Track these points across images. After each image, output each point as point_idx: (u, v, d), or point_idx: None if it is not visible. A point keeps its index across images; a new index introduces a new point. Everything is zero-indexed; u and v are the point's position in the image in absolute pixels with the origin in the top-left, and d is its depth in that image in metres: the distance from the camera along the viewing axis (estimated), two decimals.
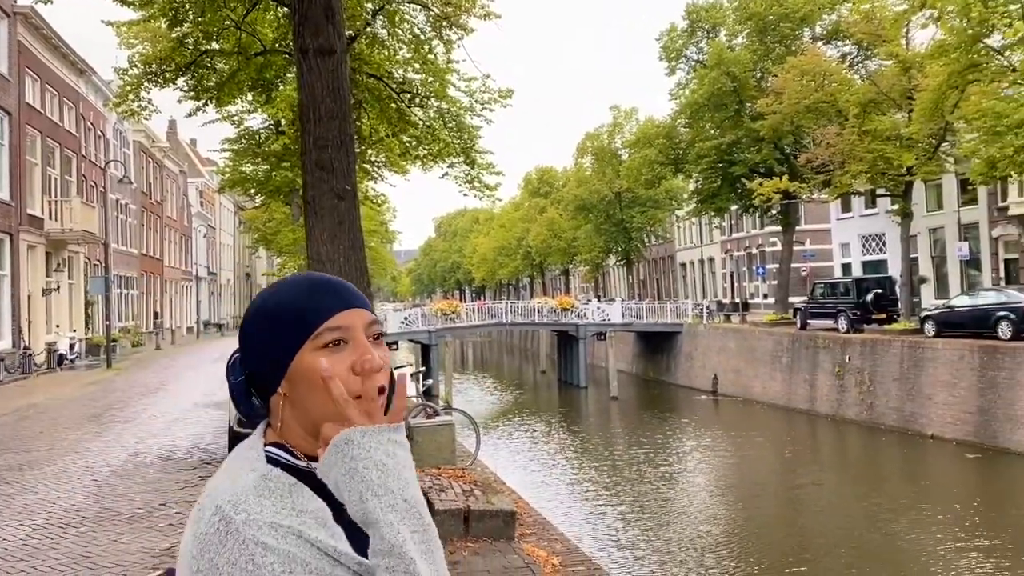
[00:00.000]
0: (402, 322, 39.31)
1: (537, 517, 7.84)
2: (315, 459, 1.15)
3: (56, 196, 29.71)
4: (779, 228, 36.75)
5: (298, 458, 1.18)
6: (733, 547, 15.00)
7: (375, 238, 59.95)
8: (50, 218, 28.94)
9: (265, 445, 1.19)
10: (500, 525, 6.82)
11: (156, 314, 43.84)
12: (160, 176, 46.23)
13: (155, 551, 7.64)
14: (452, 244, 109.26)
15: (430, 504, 6.99)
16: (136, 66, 16.60)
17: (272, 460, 1.16)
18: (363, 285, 7.42)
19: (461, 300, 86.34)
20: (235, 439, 10.83)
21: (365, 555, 1.09)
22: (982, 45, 21.98)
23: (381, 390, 1.15)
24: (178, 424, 15.75)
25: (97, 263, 32.90)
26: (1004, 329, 21.86)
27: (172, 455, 12.59)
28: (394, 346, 44.07)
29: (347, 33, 16.10)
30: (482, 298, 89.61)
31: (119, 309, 37.40)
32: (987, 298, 23.52)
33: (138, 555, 7.55)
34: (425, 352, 39.02)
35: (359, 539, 1.11)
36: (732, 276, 48.95)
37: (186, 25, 15.85)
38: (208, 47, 16.33)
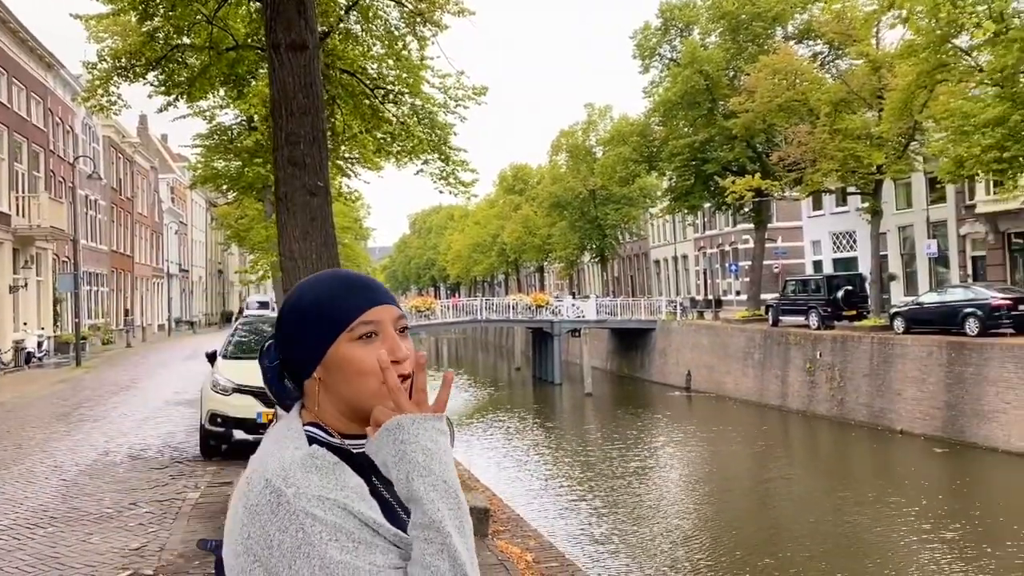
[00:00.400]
0: None
1: (511, 514, 7.81)
2: (348, 437, 1.31)
3: (23, 192, 29.26)
4: (752, 226, 37.02)
5: (332, 436, 1.31)
6: (704, 540, 15.15)
7: (349, 235, 59.63)
8: (17, 214, 28.49)
9: (303, 425, 1.32)
10: (473, 522, 6.78)
11: (127, 311, 43.32)
12: (131, 172, 45.67)
13: (124, 551, 7.56)
14: (427, 241, 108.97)
15: None
16: (105, 60, 16.38)
17: (311, 438, 1.29)
18: None
19: (436, 297, 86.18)
20: (207, 437, 10.74)
21: (398, 528, 1.24)
22: (950, 45, 22.21)
23: (405, 377, 1.28)
24: (149, 422, 15.59)
25: (66, 260, 32.45)
26: (971, 325, 22.17)
27: (143, 454, 12.45)
28: None
29: (320, 29, 16.01)
30: (457, 295, 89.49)
31: (89, 306, 36.92)
32: (955, 295, 23.86)
33: (107, 555, 7.46)
34: None
35: (392, 513, 1.26)
36: (705, 273, 49.28)
37: (156, 19, 15.64)
38: (179, 42, 16.14)
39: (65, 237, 30.70)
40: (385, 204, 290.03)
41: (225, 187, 24.03)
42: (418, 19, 14.97)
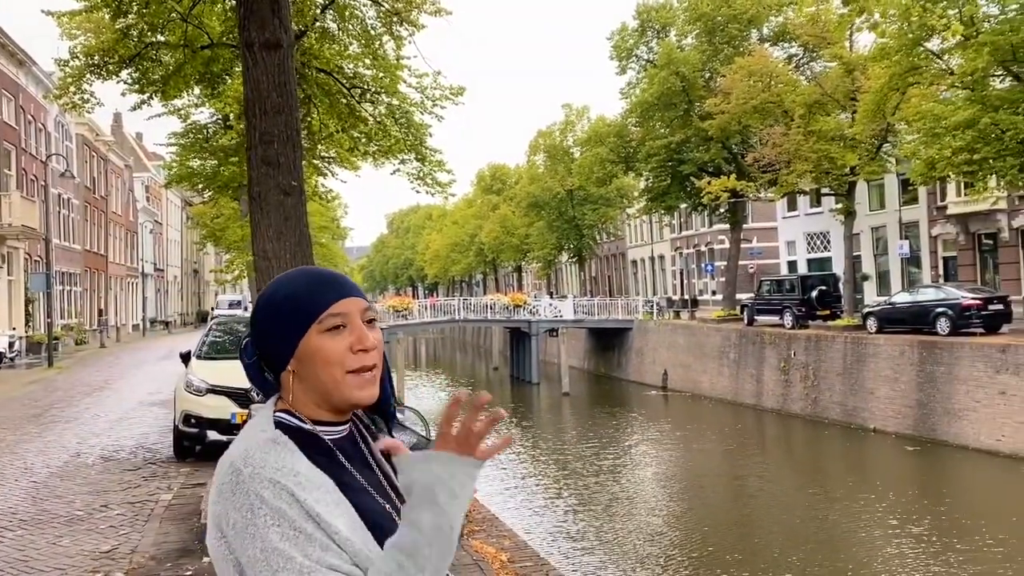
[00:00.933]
0: None
1: (486, 513, 7.77)
2: (320, 423, 1.38)
3: None
4: (727, 226, 37.24)
5: (304, 422, 1.37)
6: (676, 536, 15.26)
7: (326, 234, 59.34)
8: None
9: (275, 412, 1.38)
10: None
11: (100, 311, 42.84)
12: (105, 170, 45.18)
13: (95, 554, 7.49)
14: (405, 241, 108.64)
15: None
16: (78, 57, 16.22)
17: (279, 423, 1.35)
18: None
19: (414, 297, 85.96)
20: (180, 438, 10.67)
21: (369, 508, 1.32)
22: (922, 49, 22.47)
23: (372, 368, 1.37)
24: (122, 423, 15.44)
25: (38, 259, 32.05)
26: (942, 325, 22.44)
27: (115, 455, 12.33)
28: None
29: (296, 28, 15.93)
30: (435, 295, 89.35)
31: (62, 306, 36.48)
32: (926, 295, 24.09)
33: (77, 558, 7.39)
34: None
35: (364, 497, 1.33)
36: (682, 273, 49.54)
37: (130, 16, 15.48)
38: (153, 39, 15.99)
39: (37, 236, 30.33)
40: (363, 203, 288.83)
41: (200, 186, 23.84)
42: (395, 18, 14.93)
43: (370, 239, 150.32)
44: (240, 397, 9.53)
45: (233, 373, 8.46)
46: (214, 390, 10.69)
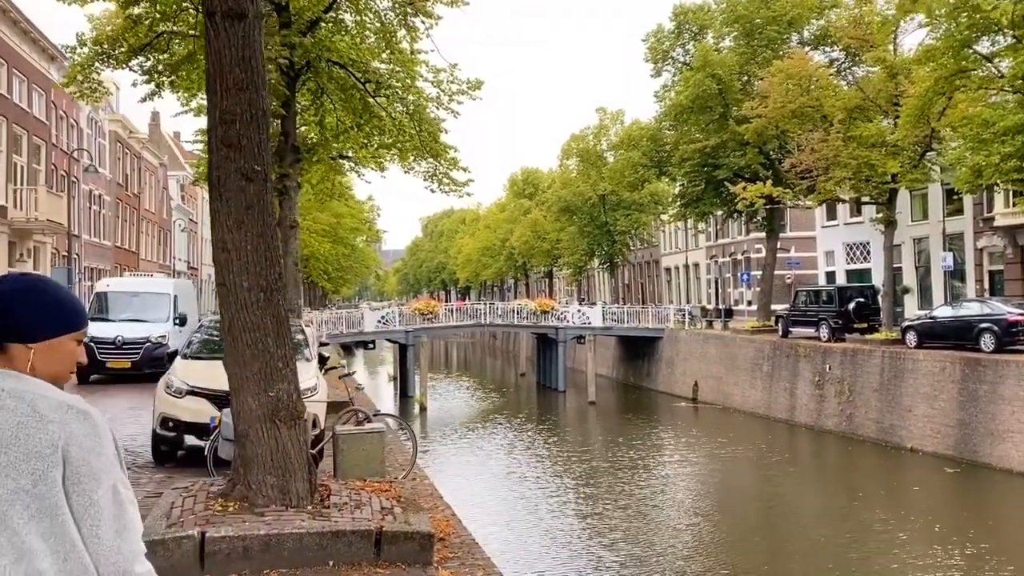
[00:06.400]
0: (378, 321, 38.59)
1: (466, 538, 7.17)
2: None
3: (22, 184, 28.88)
4: (764, 235, 36.29)
5: None
6: (702, 560, 14.49)
7: (359, 236, 59.24)
8: (14, 207, 28.11)
9: None
10: (416, 549, 6.14)
11: None
12: (138, 168, 45.34)
13: None
14: (438, 244, 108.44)
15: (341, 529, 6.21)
16: (86, 45, 15.96)
17: None
18: (272, 276, 6.73)
19: (446, 300, 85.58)
20: (158, 442, 10.14)
21: None
22: (971, 51, 21.61)
23: None
24: (114, 424, 14.99)
25: (65, 255, 32.09)
26: (987, 341, 21.50)
27: None
28: (371, 346, 43.40)
29: (310, 15, 15.46)
30: (466, 299, 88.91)
31: None
32: (970, 310, 23.24)
33: None
34: (403, 352, 38.32)
35: None
36: (717, 282, 48.47)
37: (142, 3, 15.20)
38: (165, 28, 15.71)
39: (63, 231, 30.30)
40: (397, 206, 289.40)
41: None
42: (409, 9, 14.46)
43: (405, 242, 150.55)
44: (220, 400, 8.87)
45: (215, 373, 7.85)
46: (194, 392, 10.02)
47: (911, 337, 24.07)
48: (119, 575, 1.79)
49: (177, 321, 21.25)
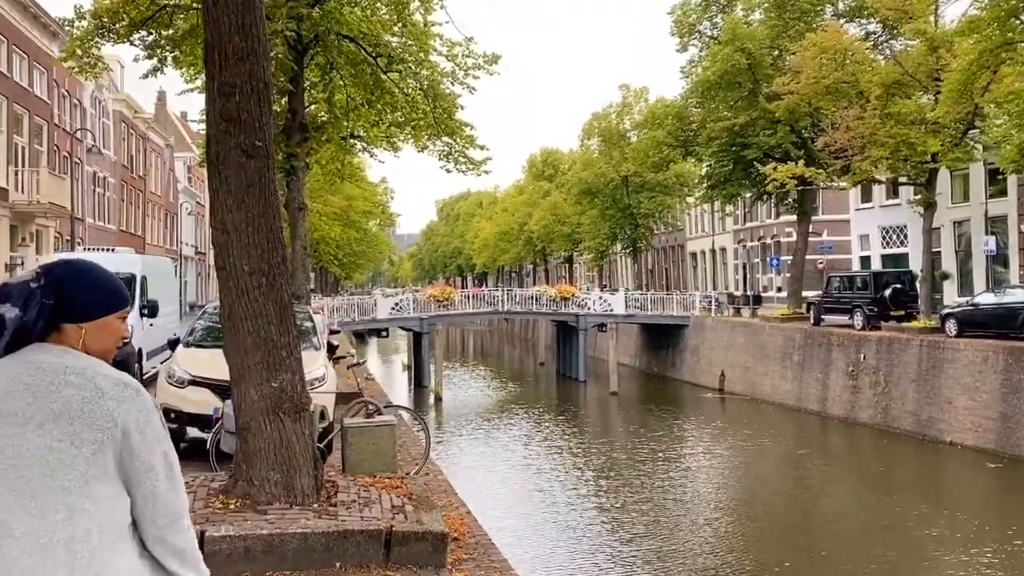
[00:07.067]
0: (392, 308, 37.51)
1: (482, 538, 6.75)
2: None
3: (23, 166, 27.93)
4: (794, 218, 34.96)
5: None
6: (728, 558, 13.73)
7: (373, 220, 58.10)
8: (16, 189, 27.20)
9: None
10: (428, 550, 5.86)
11: None
12: (144, 149, 44.36)
13: None
14: (454, 228, 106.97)
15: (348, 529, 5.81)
16: (85, 18, 15.11)
17: None
18: (275, 260, 6.30)
19: (462, 287, 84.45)
20: None
21: None
22: (1018, 21, 20.66)
23: None
24: None
25: (69, 239, 31.17)
26: None
27: None
28: (384, 334, 42.36)
29: None
30: (483, 285, 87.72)
31: None
32: (1014, 296, 22.37)
33: None
34: (417, 340, 37.27)
35: None
36: (745, 267, 47.05)
37: None
38: (167, 1, 14.88)
39: (66, 214, 29.37)
40: (412, 189, 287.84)
41: None
42: None
43: (420, 226, 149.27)
44: (224, 390, 8.45)
45: (219, 362, 7.43)
46: (196, 382, 9.76)
47: (951, 325, 23.06)
48: (174, 518, 1.99)
49: (145, 311, 15.78)
